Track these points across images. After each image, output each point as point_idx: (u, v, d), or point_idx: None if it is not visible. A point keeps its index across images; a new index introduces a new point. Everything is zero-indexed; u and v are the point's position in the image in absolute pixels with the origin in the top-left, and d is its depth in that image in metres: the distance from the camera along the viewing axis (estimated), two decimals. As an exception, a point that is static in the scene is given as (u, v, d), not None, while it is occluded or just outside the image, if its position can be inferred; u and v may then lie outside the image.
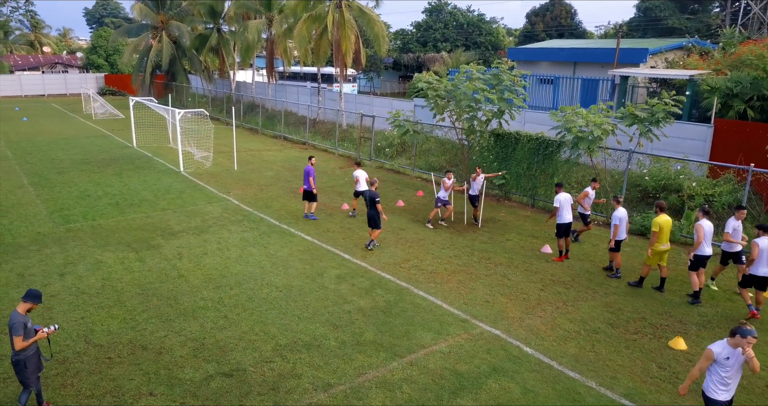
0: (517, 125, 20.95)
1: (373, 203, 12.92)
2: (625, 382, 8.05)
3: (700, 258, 10.61)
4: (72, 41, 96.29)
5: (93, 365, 8.20)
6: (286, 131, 32.18)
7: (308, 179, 15.29)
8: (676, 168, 16.37)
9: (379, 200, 12.99)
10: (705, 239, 10.50)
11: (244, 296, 10.63)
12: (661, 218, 10.83)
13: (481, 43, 60.63)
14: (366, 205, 13.23)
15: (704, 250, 10.57)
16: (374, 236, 13.34)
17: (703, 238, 10.46)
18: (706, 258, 10.64)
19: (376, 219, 13.09)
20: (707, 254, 10.61)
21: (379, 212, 13.00)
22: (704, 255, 10.60)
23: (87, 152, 25.66)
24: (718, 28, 43.96)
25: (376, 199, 12.90)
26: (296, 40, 31.13)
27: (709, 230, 10.58)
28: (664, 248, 10.94)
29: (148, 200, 17.45)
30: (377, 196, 12.95)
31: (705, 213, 10.77)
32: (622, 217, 11.57)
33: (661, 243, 10.87)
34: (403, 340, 9.10)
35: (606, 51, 32.97)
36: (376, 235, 13.33)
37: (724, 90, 20.16)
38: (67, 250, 12.93)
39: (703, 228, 10.49)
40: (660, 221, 10.79)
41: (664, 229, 10.80)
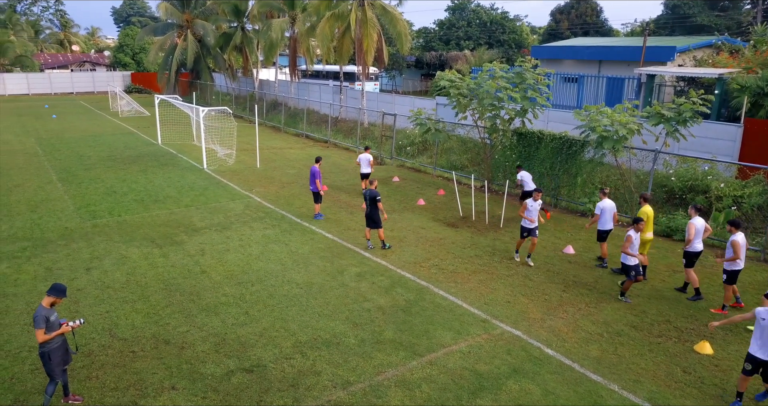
0: (541, 124, 20.74)
1: (373, 201, 12.87)
2: (649, 386, 7.91)
3: (691, 255, 10.81)
4: (100, 40, 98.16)
5: (117, 359, 8.35)
6: (308, 129, 32.35)
7: (314, 181, 15.28)
8: (703, 169, 16.02)
9: (380, 199, 12.92)
10: (696, 236, 10.71)
11: (265, 292, 10.72)
12: (646, 209, 11.35)
13: (505, 41, 60.12)
14: (366, 204, 13.13)
15: (695, 246, 10.77)
16: (381, 236, 13.25)
17: (694, 235, 10.65)
18: (697, 254, 10.83)
19: (376, 218, 13.04)
20: (698, 250, 10.81)
21: (380, 211, 12.95)
22: (695, 251, 10.80)
23: (113, 149, 26.13)
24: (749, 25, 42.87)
25: (377, 198, 12.84)
26: (319, 38, 31.25)
27: (700, 227, 10.77)
28: (648, 236, 11.45)
29: (172, 197, 17.70)
30: (378, 195, 12.89)
31: (697, 210, 10.98)
32: (604, 207, 12.02)
33: (645, 232, 11.25)
34: (422, 339, 9.08)
35: (632, 49, 32.42)
36: (381, 234, 13.24)
37: (755, 89, 19.68)
38: (94, 245, 13.18)
39: (694, 226, 10.66)
40: (646, 211, 11.30)
41: (649, 219, 11.32)
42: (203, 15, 45.23)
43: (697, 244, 10.78)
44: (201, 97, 43.58)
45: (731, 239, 10.04)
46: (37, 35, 77.82)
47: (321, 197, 15.64)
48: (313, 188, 15.42)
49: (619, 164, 16.03)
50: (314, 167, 15.39)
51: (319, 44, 32.47)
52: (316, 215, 15.63)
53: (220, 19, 45.16)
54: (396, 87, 61.06)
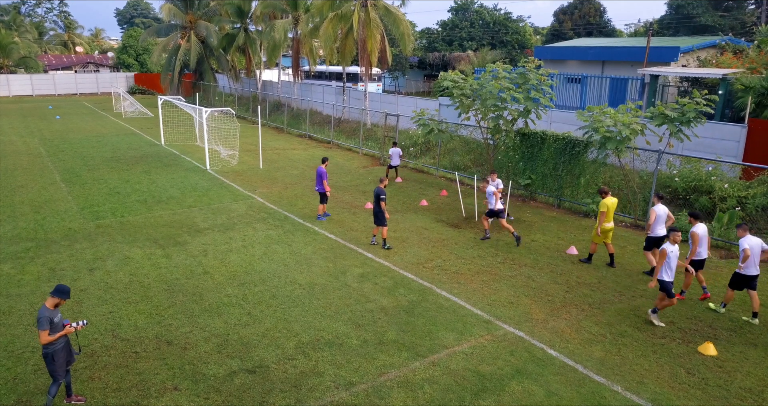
0: (544, 125, 20.71)
1: (377, 199, 12.97)
2: (652, 387, 7.88)
3: (652, 239, 11.56)
4: (103, 41, 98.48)
5: (120, 359, 8.36)
6: (311, 130, 32.37)
7: (321, 181, 15.26)
8: (707, 169, 15.96)
9: (384, 198, 12.98)
10: (657, 221, 11.46)
11: (268, 293, 10.72)
12: (607, 200, 12.09)
13: (508, 41, 60.08)
14: (373, 201, 13.29)
15: (657, 231, 11.50)
16: (384, 235, 13.33)
17: (654, 221, 11.43)
18: (659, 239, 11.44)
19: (380, 216, 13.10)
20: (659, 235, 11.46)
21: (381, 210, 13.01)
22: (656, 236, 11.51)
23: (117, 150, 26.19)
24: (753, 25, 42.76)
25: (380, 197, 12.92)
26: (322, 39, 31.30)
27: (662, 214, 11.51)
28: (610, 226, 12.18)
29: (175, 198, 17.72)
30: (382, 194, 12.95)
31: (659, 198, 11.76)
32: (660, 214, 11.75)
33: (607, 222, 12.07)
34: (425, 340, 9.06)
35: (636, 50, 32.34)
36: (385, 233, 13.31)
37: (759, 89, 19.60)
38: (97, 245, 13.21)
39: (655, 212, 11.45)
40: (607, 203, 12.05)
41: (610, 210, 12.08)
42: (206, 16, 45.34)
43: (659, 230, 11.48)
44: (204, 98, 43.65)
45: (690, 231, 10.51)
46: (41, 36, 78.13)
47: (327, 198, 15.61)
48: (319, 189, 15.40)
49: (623, 165, 15.99)
50: (320, 168, 15.36)
51: (322, 45, 32.50)
52: (320, 216, 15.62)
53: (223, 20, 45.26)
54: (399, 88, 61.07)
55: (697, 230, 10.42)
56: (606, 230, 12.18)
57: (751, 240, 9.79)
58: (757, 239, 9.86)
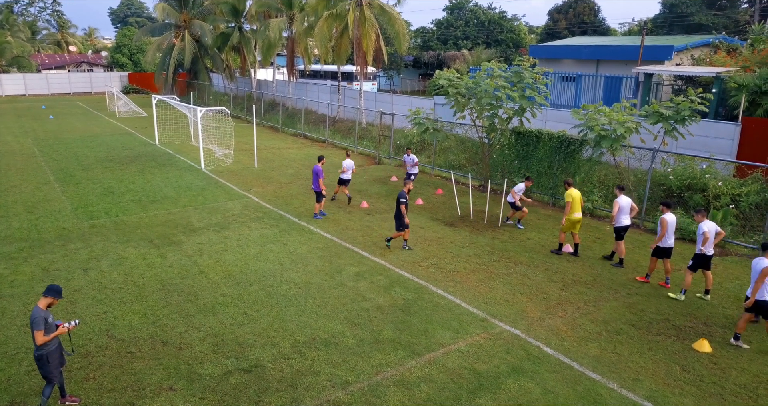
0: (539, 123, 20.75)
1: (398, 203, 12.81)
2: (648, 384, 7.90)
3: (619, 229, 12.21)
4: (97, 40, 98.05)
5: (115, 359, 8.31)
6: (306, 129, 32.31)
7: (317, 180, 15.23)
8: (701, 167, 16.02)
9: (404, 202, 12.74)
10: (621, 212, 12.09)
11: (264, 292, 10.69)
12: (572, 191, 12.70)
13: (503, 40, 60.14)
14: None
15: (621, 222, 12.14)
16: (406, 236, 13.17)
17: (617, 212, 12.07)
18: (624, 228, 12.20)
19: (399, 220, 12.92)
20: (624, 225, 12.17)
21: (401, 213, 12.81)
22: (622, 226, 12.17)
23: (111, 150, 26.08)
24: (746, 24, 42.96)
25: (399, 200, 12.75)
26: (317, 38, 31.22)
27: (624, 205, 12.11)
28: (577, 216, 12.68)
29: (170, 197, 17.66)
30: (401, 197, 12.76)
31: (621, 189, 12.39)
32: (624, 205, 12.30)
33: (574, 212, 12.59)
34: (421, 338, 9.06)
35: (630, 48, 32.43)
36: (399, 235, 13.16)
37: (753, 87, 19.69)
38: (91, 245, 13.14)
39: (618, 203, 12.09)
40: (572, 194, 12.64)
41: (576, 200, 12.60)
42: (201, 15, 45.16)
43: (623, 220, 12.15)
44: (198, 98, 43.51)
45: (660, 218, 11.05)
46: (34, 36, 77.59)
47: (323, 197, 15.58)
48: (315, 188, 15.37)
49: (618, 163, 16.03)
50: (317, 166, 15.33)
51: (317, 44, 32.43)
52: (316, 215, 15.59)
53: (218, 19, 45.07)
54: (394, 87, 61.04)
55: (667, 218, 11.01)
56: (574, 221, 12.72)
57: (709, 224, 10.42)
58: (712, 222, 10.54)
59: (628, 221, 12.22)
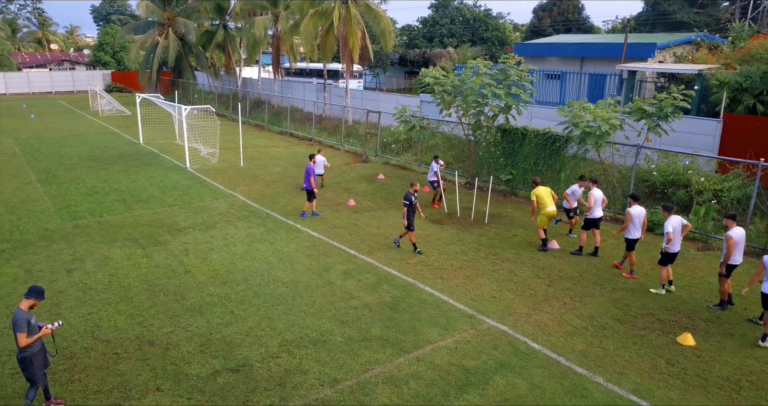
0: (524, 121, 20.86)
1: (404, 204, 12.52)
2: (633, 378, 8.00)
3: (589, 221, 12.77)
4: (79, 38, 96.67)
5: (100, 361, 8.23)
6: (293, 127, 32.19)
7: (309, 178, 15.12)
8: (684, 163, 16.22)
9: (407, 204, 12.43)
10: (595, 204, 12.60)
11: (251, 291, 10.64)
12: (537, 190, 13.24)
13: (488, 38, 60.37)
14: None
15: (594, 214, 12.67)
16: (402, 234, 13.07)
17: (593, 203, 12.58)
18: (595, 220, 12.75)
19: (408, 220, 12.61)
20: (597, 217, 12.72)
21: (410, 214, 12.54)
22: (594, 218, 12.73)
23: (94, 149, 25.76)
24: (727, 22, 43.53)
25: (404, 202, 12.48)
26: (302, 36, 31.10)
27: (598, 197, 12.69)
28: (550, 209, 13.03)
29: (155, 197, 17.50)
30: (405, 199, 12.47)
31: (593, 182, 12.95)
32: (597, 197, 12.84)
33: (545, 207, 13.03)
34: (409, 335, 9.08)
35: (613, 46, 32.71)
36: (403, 233, 13.03)
37: (734, 84, 19.97)
38: (75, 246, 12.98)
39: (593, 196, 12.61)
40: (537, 192, 13.20)
41: (543, 196, 13.10)
42: (185, 13, 44.75)
43: (596, 211, 12.66)
44: (183, 96, 43.15)
45: (627, 210, 11.48)
46: (15, 34, 76.29)
47: (314, 196, 15.42)
48: (306, 186, 15.24)
49: (602, 160, 16.18)
50: (309, 165, 15.18)
51: (303, 42, 32.30)
52: (304, 213, 15.52)
53: (202, 16, 44.71)
54: (380, 85, 60.99)
55: (633, 211, 11.44)
56: (547, 215, 13.10)
57: (674, 221, 10.63)
58: (678, 217, 10.76)
59: (600, 213, 12.81)
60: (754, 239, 13.17)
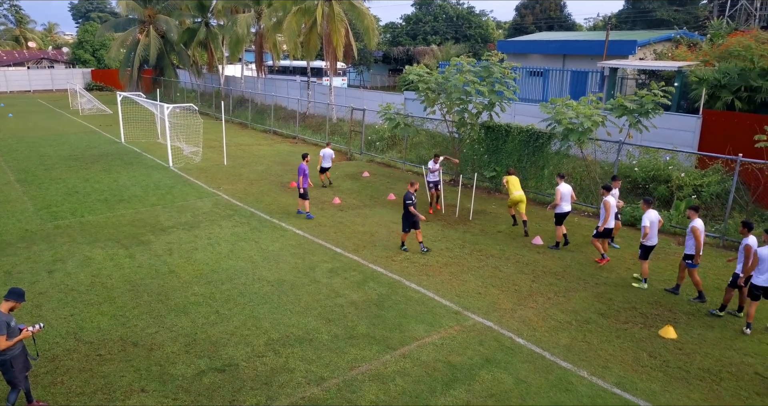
0: (508, 118, 20.98)
1: (404, 204, 12.35)
2: (617, 371, 8.10)
3: (560, 215, 13.05)
4: (58, 36, 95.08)
5: (83, 363, 8.13)
6: (276, 126, 32.01)
7: (299, 179, 14.87)
8: (665, 159, 16.45)
9: (410, 203, 12.21)
10: (563, 199, 12.92)
11: (236, 290, 10.59)
12: (509, 177, 14.38)
13: (471, 35, 60.57)
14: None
15: (563, 208, 12.96)
16: (403, 238, 12.84)
17: (560, 199, 12.89)
18: (564, 214, 13.03)
19: (404, 221, 12.47)
20: (565, 211, 13.00)
21: (410, 214, 12.30)
22: (563, 212, 13.00)
23: (75, 148, 25.39)
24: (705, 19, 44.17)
25: (405, 201, 12.26)
26: (286, 33, 30.92)
27: (566, 192, 12.95)
28: (518, 194, 14.05)
29: (138, 196, 17.31)
30: (407, 199, 12.25)
31: (561, 177, 13.23)
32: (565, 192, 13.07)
33: (512, 193, 14.14)
34: (395, 332, 9.10)
35: (595, 43, 33.02)
36: (404, 237, 12.80)
37: (712, 81, 20.27)
38: (56, 247, 12.80)
39: (560, 191, 12.93)
40: (508, 178, 14.34)
41: (512, 182, 14.21)
42: (166, 10, 44.25)
43: (564, 206, 12.96)
44: (165, 94, 42.64)
45: (603, 200, 11.86)
46: (-9, 32, 74.95)
47: (307, 194, 15.12)
48: (299, 186, 14.98)
49: (585, 156, 16.34)
50: (302, 165, 14.97)
51: (286, 40, 32.10)
52: (300, 211, 15.31)
53: (184, 14, 44.24)
54: (364, 82, 60.90)
55: (608, 199, 11.84)
56: (515, 199, 14.09)
57: (651, 214, 10.86)
58: (654, 212, 10.98)
59: (569, 207, 13.08)
60: (732, 233, 13.40)
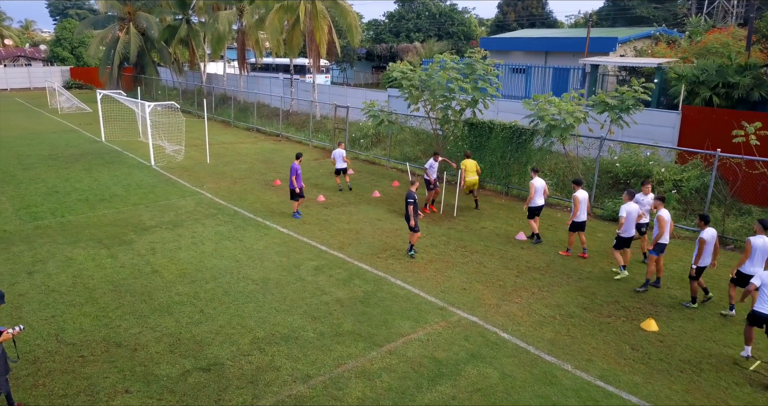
0: (491, 114, 21.07)
1: (406, 204, 12.09)
2: (600, 364, 8.21)
3: (533, 209, 13.32)
4: (35, 34, 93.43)
5: (65, 364, 8.03)
6: (259, 123, 31.82)
7: (291, 178, 14.60)
8: (645, 154, 16.66)
9: (411, 202, 11.90)
10: (537, 193, 13.16)
11: (220, 289, 10.52)
12: (464, 161, 15.70)
13: (454, 33, 60.69)
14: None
15: (536, 202, 13.24)
16: (413, 241, 12.38)
17: (534, 193, 13.14)
18: (538, 208, 13.36)
19: (407, 221, 12.27)
20: (538, 205, 13.31)
21: (409, 215, 12.09)
22: (536, 206, 13.30)
23: (54, 147, 24.99)
24: (684, 17, 44.75)
25: (407, 200, 11.99)
26: (268, 31, 30.69)
27: (539, 186, 13.22)
28: (471, 178, 15.52)
29: (119, 195, 17.10)
30: (409, 197, 11.99)
31: (535, 172, 13.55)
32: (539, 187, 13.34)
33: (468, 175, 15.51)
34: (381, 329, 9.12)
35: (577, 40, 33.31)
36: (411, 238, 12.37)
37: (691, 77, 20.55)
38: (36, 248, 12.60)
39: (534, 186, 13.18)
40: (466, 163, 15.64)
41: (468, 166, 15.53)
42: (146, 7, 43.67)
43: (537, 200, 13.24)
44: (146, 92, 42.13)
45: (573, 195, 12.13)
46: (-35, 29, 73.37)
47: (297, 195, 14.85)
48: (291, 186, 14.73)
49: (567, 152, 16.48)
50: (294, 164, 14.69)
51: (269, 37, 31.89)
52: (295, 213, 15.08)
53: (164, 11, 43.68)
54: (347, 80, 60.75)
55: (579, 195, 12.07)
56: (469, 181, 15.60)
57: (630, 207, 11.08)
58: (635, 205, 11.21)
59: (542, 201, 13.40)
60: (712, 226, 13.59)
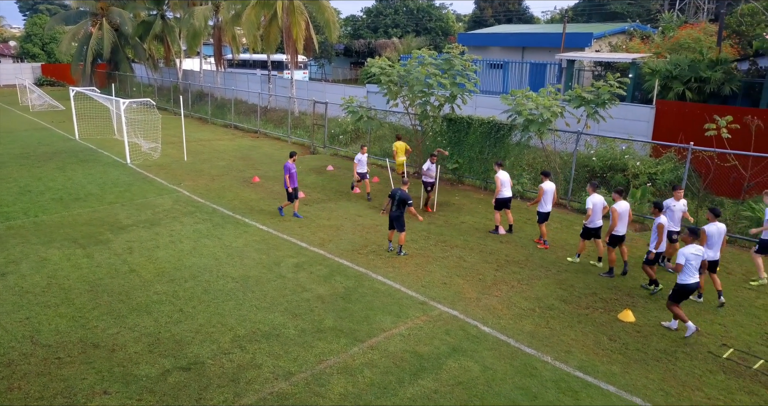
0: (469, 110, 21.19)
1: (403, 204, 11.81)
2: (579, 355, 8.34)
3: (499, 201, 13.43)
4: (4, 30, 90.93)
5: (41, 366, 7.88)
6: (237, 120, 31.52)
7: (285, 177, 14.26)
8: (621, 148, 16.92)
9: (412, 203, 11.82)
10: (503, 186, 13.27)
11: (200, 288, 10.42)
12: (397, 143, 17.13)
13: (432, 28, 60.76)
14: (392, 205, 11.97)
15: (503, 194, 13.36)
16: (401, 241, 12.21)
17: (501, 186, 13.24)
18: (505, 201, 13.45)
19: (402, 221, 12.09)
20: (506, 197, 13.41)
21: (409, 214, 11.98)
22: (503, 198, 13.40)
23: (26, 146, 24.44)
24: (657, 13, 45.45)
25: (408, 202, 11.77)
26: (245, 26, 30.38)
27: (504, 180, 13.32)
28: (401, 159, 16.91)
29: (95, 194, 16.80)
30: (410, 199, 11.82)
31: (499, 166, 13.61)
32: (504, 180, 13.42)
33: (399, 157, 16.95)
34: (363, 325, 9.13)
35: (553, 36, 33.62)
36: (402, 239, 12.19)
37: (664, 72, 20.93)
38: (8, 248, 12.32)
39: (500, 179, 13.27)
40: (396, 144, 17.04)
41: (399, 148, 16.93)
42: (119, 2, 42.85)
43: (505, 192, 13.35)
44: (121, 89, 41.40)
45: (540, 186, 12.42)
46: (-70, 25, 71.16)
47: (290, 196, 14.50)
48: (285, 186, 14.43)
49: (545, 146, 16.66)
50: (287, 163, 14.35)
51: (245, 33, 31.54)
52: (297, 214, 14.79)
53: (138, 6, 42.92)
54: (325, 75, 60.46)
55: (545, 186, 12.41)
56: (400, 163, 17.11)
57: (595, 198, 11.35)
58: (600, 197, 11.47)
59: (509, 193, 13.54)
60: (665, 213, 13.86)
